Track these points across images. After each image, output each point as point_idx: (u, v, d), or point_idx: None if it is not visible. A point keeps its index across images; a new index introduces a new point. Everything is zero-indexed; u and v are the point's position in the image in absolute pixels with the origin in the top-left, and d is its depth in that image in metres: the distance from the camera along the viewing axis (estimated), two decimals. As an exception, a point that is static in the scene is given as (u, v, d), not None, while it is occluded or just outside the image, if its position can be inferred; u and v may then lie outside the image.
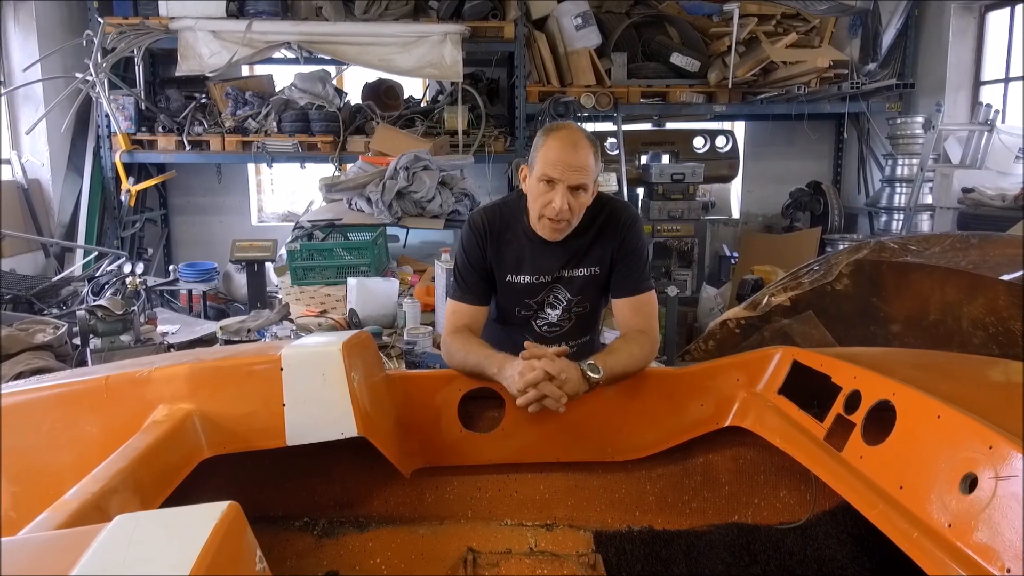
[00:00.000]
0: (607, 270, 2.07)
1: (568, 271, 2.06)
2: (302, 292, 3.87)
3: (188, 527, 0.79)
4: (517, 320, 2.14)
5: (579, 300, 2.09)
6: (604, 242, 2.05)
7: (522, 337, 2.04)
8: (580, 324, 2.16)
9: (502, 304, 2.14)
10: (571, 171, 1.87)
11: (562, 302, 2.10)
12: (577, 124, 2.06)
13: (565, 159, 1.87)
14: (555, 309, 2.10)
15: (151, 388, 1.49)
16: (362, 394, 1.58)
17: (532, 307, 2.11)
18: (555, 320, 2.12)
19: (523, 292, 2.08)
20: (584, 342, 2.20)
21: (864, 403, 1.41)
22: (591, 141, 1.93)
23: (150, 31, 5.51)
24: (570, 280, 2.07)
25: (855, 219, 6.81)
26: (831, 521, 1.82)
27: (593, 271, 2.06)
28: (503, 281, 2.08)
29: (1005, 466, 1.05)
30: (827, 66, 6.00)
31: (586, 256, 2.05)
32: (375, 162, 5.00)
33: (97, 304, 3.29)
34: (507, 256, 2.07)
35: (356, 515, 1.85)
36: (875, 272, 1.83)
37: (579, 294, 2.09)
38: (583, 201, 1.93)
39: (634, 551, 1.81)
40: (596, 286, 2.10)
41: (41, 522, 1.00)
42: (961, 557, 1.05)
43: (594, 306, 2.16)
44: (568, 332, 2.15)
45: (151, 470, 1.27)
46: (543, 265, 2.05)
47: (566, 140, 1.90)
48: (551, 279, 2.06)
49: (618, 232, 2.04)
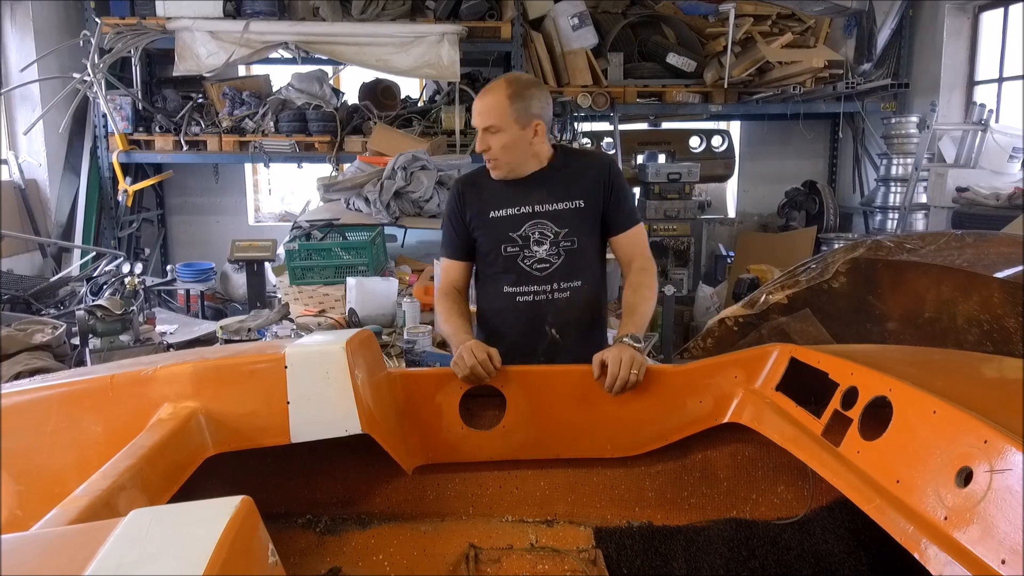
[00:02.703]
0: (593, 207, 2.19)
1: (548, 205, 2.19)
2: (300, 292, 3.89)
3: (202, 522, 0.81)
4: (506, 262, 2.22)
5: (566, 234, 2.19)
6: (584, 180, 2.21)
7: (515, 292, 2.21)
8: (570, 262, 2.20)
9: (490, 246, 2.23)
10: (480, 116, 2.13)
11: (549, 236, 2.19)
12: (514, 74, 2.24)
13: (477, 107, 2.15)
14: (542, 245, 2.19)
15: (156, 387, 1.50)
16: (365, 391, 1.59)
17: (517, 242, 2.20)
18: (544, 255, 2.20)
19: (505, 225, 2.21)
20: (577, 287, 2.22)
21: (861, 399, 1.42)
22: (508, 84, 2.12)
23: (147, 31, 5.51)
24: (554, 214, 2.19)
25: (850, 218, 6.84)
26: (828, 516, 1.84)
27: (577, 204, 2.19)
28: (487, 219, 2.22)
29: (1000, 460, 1.07)
30: (822, 66, 6.03)
31: (566, 190, 2.20)
32: (372, 162, 5.01)
33: (96, 304, 3.30)
34: (486, 198, 2.24)
35: (358, 512, 1.86)
36: (871, 270, 1.85)
37: (565, 227, 2.19)
38: (501, 140, 2.12)
39: (634, 546, 1.83)
40: (582, 221, 2.20)
41: (52, 518, 1.01)
42: (957, 550, 1.07)
43: (583, 244, 2.22)
44: (559, 269, 2.20)
45: (158, 468, 1.28)
46: (519, 198, 2.20)
47: (484, 89, 2.16)
48: (531, 211, 2.19)
49: (599, 171, 2.21)
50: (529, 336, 2.21)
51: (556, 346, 2.20)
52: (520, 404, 1.85)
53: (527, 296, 2.22)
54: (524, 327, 2.22)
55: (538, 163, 2.20)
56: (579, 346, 2.17)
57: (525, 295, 2.22)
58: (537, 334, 2.20)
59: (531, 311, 2.21)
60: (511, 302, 2.22)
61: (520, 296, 2.22)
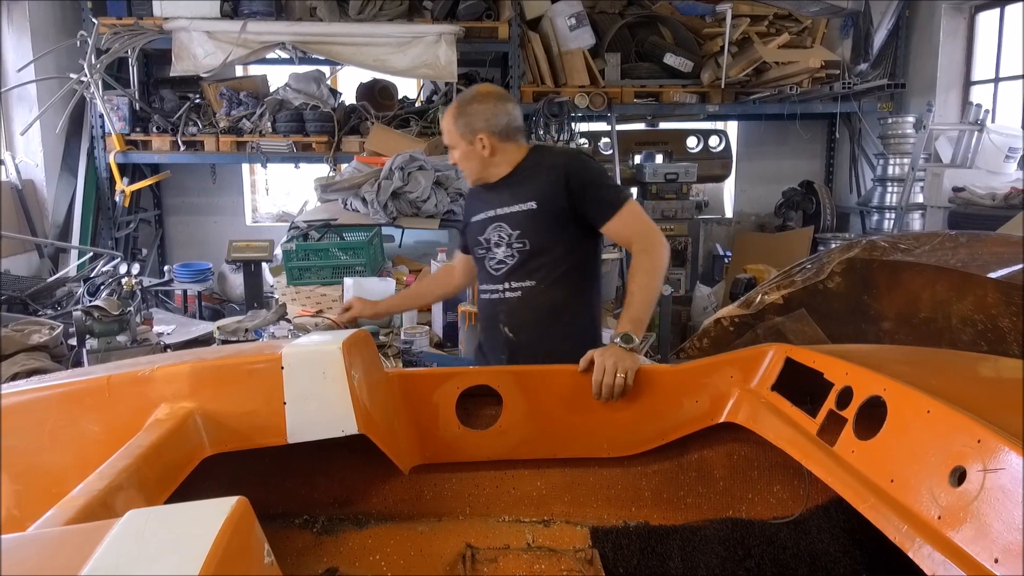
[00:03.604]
0: (547, 207, 2.23)
1: (506, 207, 2.30)
2: (298, 292, 3.89)
3: (198, 522, 0.81)
4: (478, 263, 2.40)
5: (519, 235, 2.27)
6: (536, 181, 2.27)
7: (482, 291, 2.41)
8: (523, 263, 2.27)
9: (470, 248, 2.44)
10: (445, 135, 2.34)
11: (504, 238, 2.29)
12: (466, 92, 2.37)
13: (443, 127, 2.35)
14: (500, 246, 2.31)
15: (153, 387, 1.51)
16: (362, 392, 1.60)
17: (484, 244, 2.34)
18: (501, 257, 2.31)
19: (477, 229, 2.36)
20: (530, 287, 2.27)
21: (856, 399, 1.43)
22: (455, 104, 2.31)
23: (144, 31, 5.51)
24: (509, 217, 2.29)
25: (847, 218, 6.85)
26: (824, 515, 1.84)
27: (529, 206, 2.25)
28: (469, 223, 2.43)
29: (993, 459, 1.08)
30: (819, 66, 6.05)
31: (520, 193, 2.28)
32: (370, 162, 5.01)
33: (93, 304, 3.29)
34: (472, 204, 2.46)
35: (355, 512, 1.86)
36: (866, 270, 1.85)
37: (518, 228, 2.27)
38: (456, 155, 2.33)
39: (630, 546, 1.83)
40: (535, 222, 2.25)
41: (50, 518, 1.02)
42: (950, 549, 1.07)
43: (537, 245, 2.26)
44: (512, 270, 2.29)
45: (155, 468, 1.28)
46: (488, 203, 2.36)
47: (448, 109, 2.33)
48: (493, 214, 2.32)
49: (553, 171, 2.24)
50: (491, 332, 2.36)
51: (512, 344, 2.30)
52: (517, 404, 1.86)
53: (486, 295, 2.37)
54: (486, 324, 2.40)
55: (506, 168, 2.31)
56: (535, 346, 2.25)
57: (485, 293, 2.38)
58: (496, 331, 2.34)
59: (490, 308, 2.36)
60: (481, 300, 2.44)
61: (483, 295, 2.39)
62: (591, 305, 2.39)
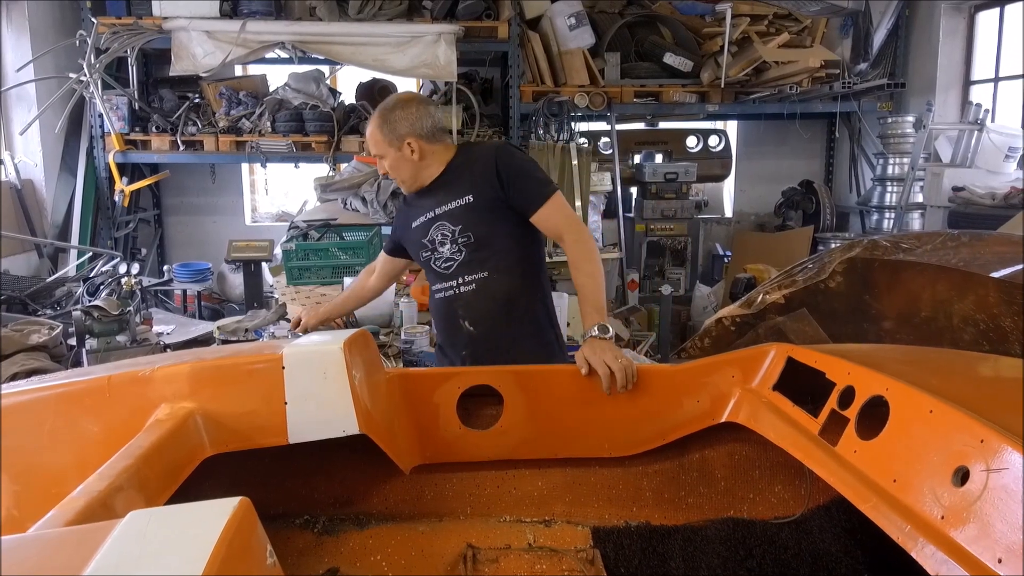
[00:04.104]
0: (483, 198, 2.28)
1: (444, 206, 2.32)
2: (298, 292, 3.89)
3: (200, 523, 0.80)
4: (425, 266, 2.41)
5: (461, 230, 2.30)
6: (469, 174, 2.32)
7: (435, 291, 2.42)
8: (472, 256, 2.31)
9: (414, 254, 2.45)
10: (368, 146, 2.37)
11: (448, 236, 2.32)
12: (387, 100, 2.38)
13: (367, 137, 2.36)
14: (444, 244, 2.33)
15: (153, 387, 1.50)
16: (363, 392, 1.59)
17: (428, 246, 2.36)
18: (448, 255, 2.33)
19: (418, 233, 2.38)
20: (483, 278, 2.31)
21: (858, 399, 1.43)
22: (377, 113, 2.31)
23: (143, 31, 5.50)
24: (449, 214, 2.32)
25: (847, 218, 6.85)
26: (825, 515, 1.84)
27: (467, 199, 2.30)
28: (410, 230, 2.43)
29: (996, 459, 1.07)
30: (819, 66, 6.04)
31: (455, 189, 2.32)
32: (370, 162, 5.00)
33: (93, 304, 3.29)
34: (409, 212, 2.45)
35: (356, 512, 1.86)
36: (868, 270, 1.85)
37: (459, 223, 2.30)
38: (386, 164, 2.34)
39: (631, 546, 1.83)
40: (474, 214, 2.29)
41: (50, 519, 1.01)
42: (953, 549, 1.07)
43: (481, 236, 2.30)
44: (461, 264, 2.32)
45: (155, 468, 1.28)
46: (425, 206, 2.38)
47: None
48: (433, 215, 2.34)
49: (483, 163, 2.30)
50: (450, 331, 2.38)
51: (473, 338, 2.33)
52: (517, 404, 1.85)
53: (440, 294, 2.38)
54: (445, 323, 2.41)
55: (438, 169, 2.35)
56: (495, 337, 2.29)
57: (438, 293, 2.38)
58: (455, 328, 2.35)
59: (447, 307, 2.37)
60: (434, 301, 2.44)
61: (436, 295, 2.40)
62: (544, 294, 2.46)
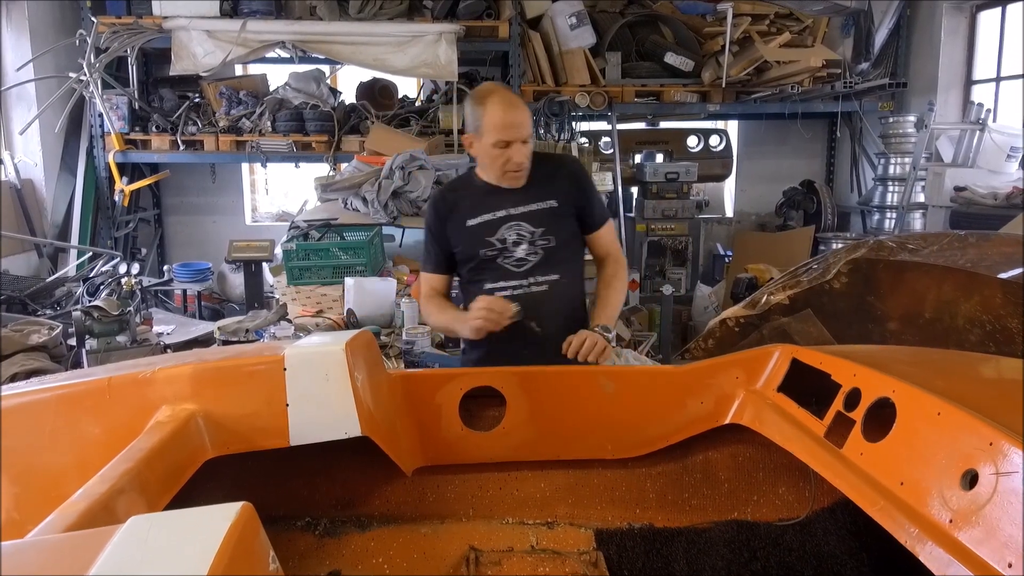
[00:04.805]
0: (565, 206, 2.30)
1: (521, 207, 2.29)
2: (298, 292, 3.87)
3: (202, 528, 0.79)
4: (486, 263, 2.31)
5: (543, 232, 2.28)
6: (555, 180, 2.32)
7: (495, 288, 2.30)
8: (548, 258, 2.30)
9: (470, 252, 2.32)
10: (518, 129, 2.18)
11: (526, 236, 2.28)
12: (499, 84, 2.31)
13: (511, 120, 2.17)
14: (520, 245, 2.29)
15: (154, 389, 1.49)
16: (365, 393, 1.58)
17: (495, 245, 2.29)
18: (522, 255, 2.29)
19: (482, 231, 2.29)
20: (555, 281, 2.31)
21: (864, 400, 1.42)
22: (517, 98, 2.25)
23: (144, 30, 5.49)
24: (529, 215, 2.28)
25: (848, 217, 6.84)
26: (830, 517, 1.83)
27: (550, 204, 2.29)
28: (465, 228, 2.31)
29: (1005, 462, 1.06)
30: (820, 65, 6.03)
31: (538, 192, 2.29)
32: (370, 161, 4.99)
33: (93, 305, 3.28)
34: (464, 208, 2.33)
35: (358, 514, 1.85)
36: (873, 271, 1.84)
37: (541, 226, 2.28)
38: (530, 147, 2.25)
39: (635, 548, 1.82)
40: (556, 220, 2.30)
41: (50, 523, 1.00)
42: (962, 552, 1.06)
43: (560, 241, 2.30)
44: (537, 265, 2.30)
45: (157, 471, 1.27)
46: (495, 204, 2.30)
47: (505, 103, 2.18)
48: (506, 214, 2.29)
49: (569, 172, 2.35)
50: (512, 330, 2.25)
51: (538, 338, 2.26)
52: (520, 405, 1.84)
53: (506, 291, 2.30)
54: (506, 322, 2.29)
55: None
56: (557, 337, 2.23)
57: (504, 290, 2.30)
58: (519, 327, 2.26)
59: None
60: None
61: (500, 292, 2.30)
62: (585, 300, 2.51)
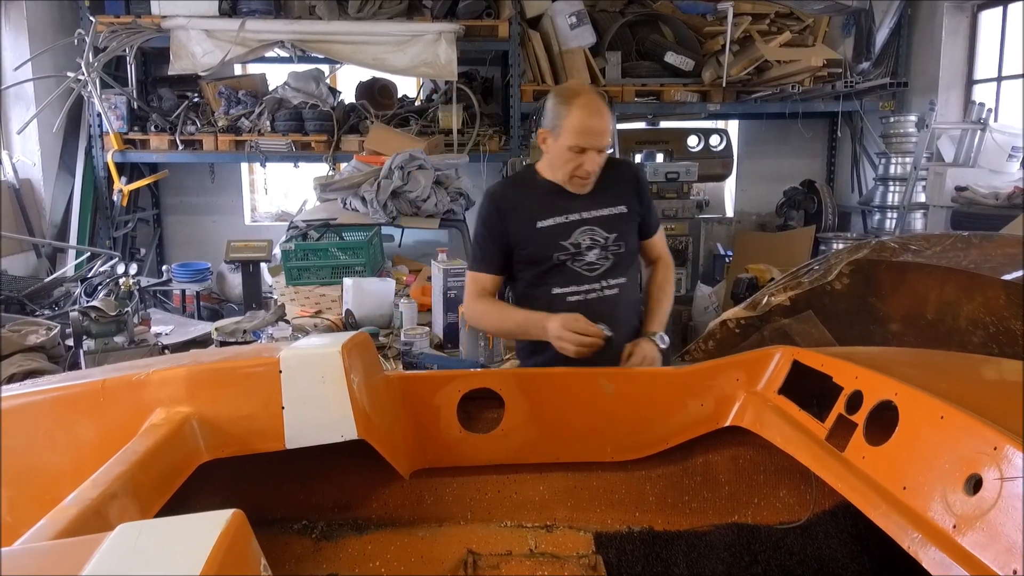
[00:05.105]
0: (632, 211, 2.28)
1: (591, 212, 2.23)
2: (297, 292, 3.86)
3: (192, 536, 0.78)
4: (556, 268, 2.24)
5: (616, 238, 2.24)
6: (619, 186, 2.27)
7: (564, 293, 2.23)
8: (617, 263, 2.27)
9: (538, 254, 2.24)
10: (598, 137, 2.11)
11: (599, 241, 2.23)
12: (588, 85, 2.21)
13: (593, 128, 2.09)
14: (592, 250, 2.23)
15: (148, 391, 1.48)
16: (361, 396, 1.57)
17: (568, 249, 2.22)
18: (593, 259, 2.24)
19: (555, 235, 2.22)
20: (623, 284, 2.28)
21: (866, 403, 1.40)
22: (605, 101, 2.15)
23: (142, 30, 5.47)
24: (600, 220, 2.24)
25: (849, 217, 6.82)
26: (831, 521, 1.82)
27: (620, 209, 2.25)
28: (535, 229, 2.22)
29: (1010, 467, 1.05)
30: (821, 65, 6.01)
31: (607, 196, 2.25)
32: (369, 161, 4.98)
33: (90, 305, 3.26)
34: (529, 208, 2.24)
35: (355, 517, 1.84)
36: (875, 272, 1.83)
37: (614, 232, 2.24)
38: (604, 156, 2.19)
39: (634, 552, 1.81)
40: (626, 225, 2.27)
41: (40, 529, 0.99)
42: (966, 559, 1.05)
43: (629, 247, 2.29)
44: (606, 271, 2.25)
45: (150, 475, 1.26)
46: (565, 206, 2.23)
47: (590, 109, 2.09)
48: (579, 218, 2.23)
49: (633, 177, 2.32)
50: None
51: (608, 342, 2.13)
52: (519, 407, 1.83)
53: (578, 296, 2.25)
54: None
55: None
56: (622, 340, 2.20)
57: (575, 295, 2.24)
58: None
59: (582, 310, 2.20)
60: (561, 303, 2.24)
61: (571, 296, 2.25)
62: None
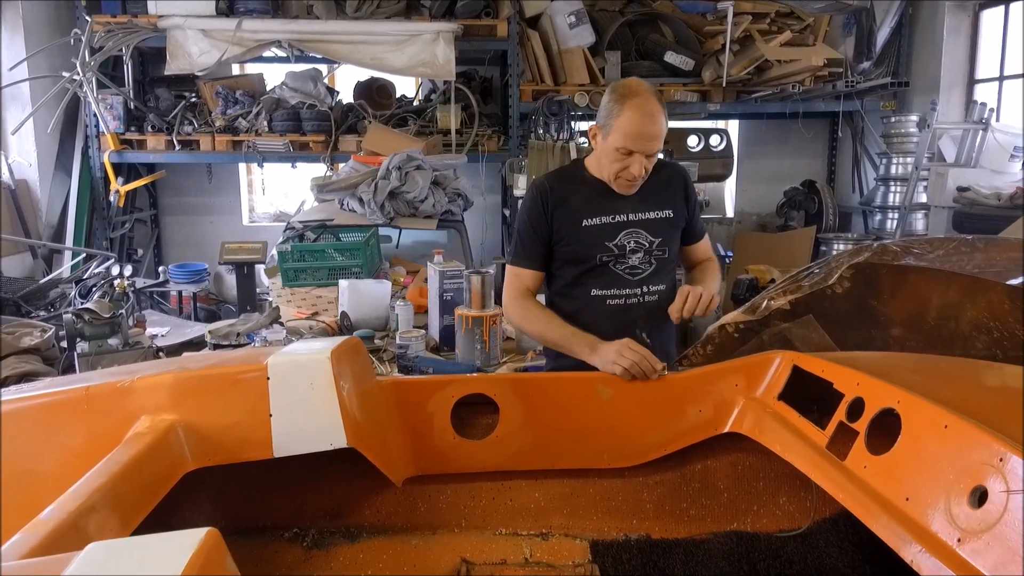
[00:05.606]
0: (678, 216, 2.24)
1: (641, 214, 2.19)
2: (293, 294, 3.83)
3: (164, 556, 0.75)
4: (599, 269, 2.19)
5: (659, 243, 2.20)
6: (669, 189, 2.23)
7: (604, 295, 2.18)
8: (659, 271, 2.23)
9: (584, 254, 2.19)
10: (648, 142, 2.03)
11: (644, 245, 2.19)
12: (646, 84, 2.10)
13: (644, 131, 2.01)
14: (636, 253, 2.19)
15: (133, 398, 1.45)
16: (351, 403, 1.54)
17: (612, 251, 2.18)
18: (636, 263, 2.20)
19: (600, 235, 2.17)
20: (663, 290, 2.24)
21: (867, 411, 1.37)
22: (662, 103, 2.06)
23: (139, 30, 5.44)
24: (646, 223, 2.19)
25: (849, 218, 6.79)
26: (832, 529, 1.79)
27: (667, 214, 2.21)
28: (580, 227, 2.17)
29: (1016, 479, 1.02)
30: (821, 64, 5.97)
31: (654, 200, 2.20)
32: (367, 162, 4.95)
33: (84, 307, 3.24)
34: (576, 204, 2.18)
35: (347, 525, 1.80)
36: (877, 275, 1.79)
37: (658, 236, 2.20)
38: (653, 160, 2.12)
39: (631, 561, 1.77)
40: (671, 230, 2.24)
41: (13, 545, 0.95)
42: (971, 573, 1.01)
43: (671, 254, 2.25)
44: (648, 276, 2.21)
45: (133, 485, 1.23)
46: (613, 207, 2.18)
47: (644, 111, 2.01)
48: (625, 220, 2.18)
49: (681, 181, 2.27)
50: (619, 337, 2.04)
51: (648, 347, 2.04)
52: (514, 413, 1.80)
53: (618, 299, 2.21)
54: (612, 330, 2.07)
55: None
56: (658, 347, 2.14)
57: (616, 298, 2.20)
58: (626, 335, 2.05)
59: (622, 314, 2.19)
60: (600, 305, 2.20)
61: (611, 299, 2.21)
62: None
